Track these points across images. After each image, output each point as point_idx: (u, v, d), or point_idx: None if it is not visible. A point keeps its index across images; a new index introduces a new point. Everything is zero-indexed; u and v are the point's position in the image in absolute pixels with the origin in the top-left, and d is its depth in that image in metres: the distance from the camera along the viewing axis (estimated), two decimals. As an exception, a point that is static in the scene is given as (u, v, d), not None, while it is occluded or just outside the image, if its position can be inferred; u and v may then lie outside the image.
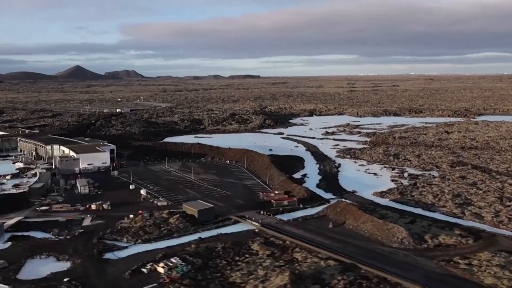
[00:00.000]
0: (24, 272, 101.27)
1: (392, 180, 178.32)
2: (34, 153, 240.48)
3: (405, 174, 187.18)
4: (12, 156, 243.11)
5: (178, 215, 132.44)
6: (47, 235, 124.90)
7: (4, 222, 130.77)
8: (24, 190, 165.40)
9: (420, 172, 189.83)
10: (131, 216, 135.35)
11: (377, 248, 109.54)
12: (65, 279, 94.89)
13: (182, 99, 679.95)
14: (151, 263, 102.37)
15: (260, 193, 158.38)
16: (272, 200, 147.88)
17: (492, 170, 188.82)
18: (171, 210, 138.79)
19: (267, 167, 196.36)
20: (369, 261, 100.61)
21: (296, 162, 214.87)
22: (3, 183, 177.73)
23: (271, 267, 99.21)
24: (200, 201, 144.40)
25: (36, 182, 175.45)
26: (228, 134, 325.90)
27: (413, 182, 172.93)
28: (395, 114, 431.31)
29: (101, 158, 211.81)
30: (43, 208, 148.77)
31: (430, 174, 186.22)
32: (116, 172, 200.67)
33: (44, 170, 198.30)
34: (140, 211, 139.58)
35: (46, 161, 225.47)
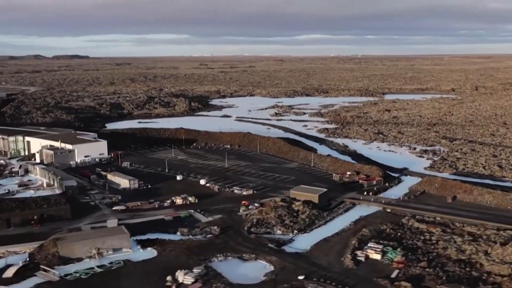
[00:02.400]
0: (233, 277, 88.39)
1: (418, 156, 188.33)
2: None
3: (417, 149, 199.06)
4: None
5: (300, 202, 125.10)
6: (175, 236, 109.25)
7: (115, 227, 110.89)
8: (64, 191, 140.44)
9: (428, 148, 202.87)
10: (247, 207, 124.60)
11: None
12: (314, 279, 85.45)
13: (42, 82, 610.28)
14: (359, 251, 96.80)
15: (334, 174, 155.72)
16: (360, 181, 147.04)
17: (485, 143, 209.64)
18: (281, 198, 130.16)
19: (289, 150, 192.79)
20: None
21: (301, 144, 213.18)
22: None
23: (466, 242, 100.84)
24: (303, 186, 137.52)
25: (65, 180, 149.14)
26: (170, 118, 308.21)
27: (440, 157, 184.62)
28: (307, 95, 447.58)
29: (98, 149, 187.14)
30: (118, 207, 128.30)
31: (439, 149, 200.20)
32: (127, 163, 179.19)
33: (42, 166, 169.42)
34: (244, 201, 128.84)
35: (19, 155, 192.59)
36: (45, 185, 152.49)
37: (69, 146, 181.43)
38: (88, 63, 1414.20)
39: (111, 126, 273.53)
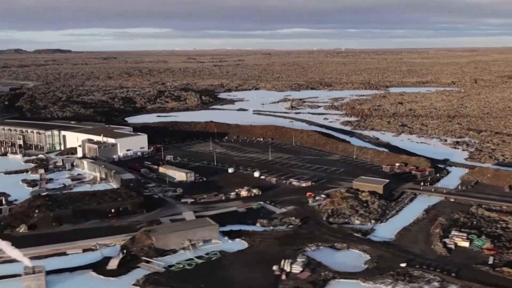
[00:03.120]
0: (333, 265, 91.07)
1: (453, 148, 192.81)
2: (18, 142, 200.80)
3: (448, 141, 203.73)
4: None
5: (367, 193, 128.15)
6: (256, 227, 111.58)
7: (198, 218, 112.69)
8: (122, 184, 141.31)
9: (459, 139, 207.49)
10: (314, 199, 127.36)
11: None
12: (417, 266, 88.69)
13: (37, 76, 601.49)
14: (447, 239, 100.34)
15: (383, 166, 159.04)
16: (413, 172, 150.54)
17: None
18: (346, 189, 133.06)
19: (326, 142, 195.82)
20: None
21: (333, 136, 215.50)
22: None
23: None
24: (364, 177, 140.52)
25: (121, 174, 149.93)
26: (186, 112, 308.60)
27: (474, 148, 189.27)
28: (312, 88, 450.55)
29: (139, 143, 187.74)
30: (187, 200, 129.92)
31: (470, 140, 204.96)
32: (170, 157, 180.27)
33: (90, 160, 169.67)
34: (309, 193, 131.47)
35: (55, 150, 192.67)
36: (98, 179, 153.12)
37: (111, 140, 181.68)
38: (74, 57, 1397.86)
39: (131, 120, 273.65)
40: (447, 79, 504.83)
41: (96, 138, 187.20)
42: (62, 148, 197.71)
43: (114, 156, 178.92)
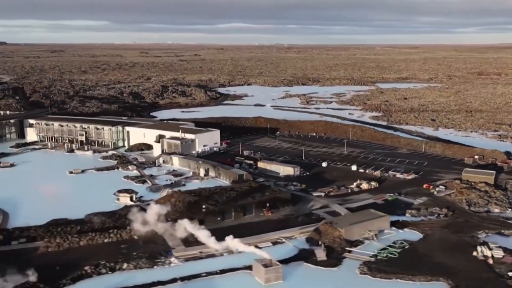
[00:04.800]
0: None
1: (500, 141, 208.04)
2: (80, 138, 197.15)
3: (488, 135, 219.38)
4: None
5: (483, 183, 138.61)
6: (408, 218, 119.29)
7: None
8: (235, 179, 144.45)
9: (493, 133, 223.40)
10: (434, 190, 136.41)
11: None
12: None
13: (3, 70, 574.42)
14: None
15: (466, 158, 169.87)
16: (499, 163, 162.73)
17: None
18: (459, 180, 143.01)
19: (386, 136, 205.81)
20: None
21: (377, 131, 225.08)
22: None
23: None
24: (469, 169, 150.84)
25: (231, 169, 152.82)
26: (202, 107, 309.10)
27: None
28: (303, 83, 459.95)
29: (213, 138, 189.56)
30: (319, 193, 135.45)
31: (508, 134, 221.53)
32: (247, 152, 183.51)
33: (180, 156, 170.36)
34: (427, 185, 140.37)
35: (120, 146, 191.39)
36: (202, 175, 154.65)
37: (191, 136, 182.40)
38: (19, 50, 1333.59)
39: (158, 115, 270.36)
40: (423, 76, 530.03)
41: (165, 133, 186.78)
42: (126, 144, 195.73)
43: (193, 152, 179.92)
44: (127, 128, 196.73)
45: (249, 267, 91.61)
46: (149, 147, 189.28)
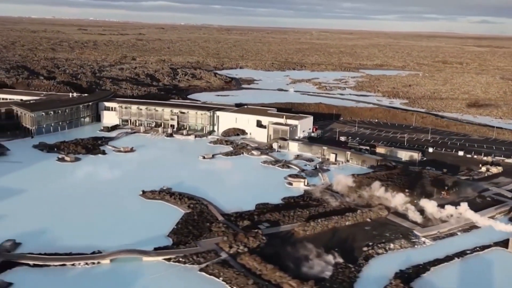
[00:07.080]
0: None
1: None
2: (171, 123, 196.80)
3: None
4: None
5: None
6: None
7: None
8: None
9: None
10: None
11: None
12: None
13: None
14: None
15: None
16: None
17: None
18: None
19: (448, 124, 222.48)
20: None
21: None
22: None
23: None
24: None
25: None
26: (238, 91, 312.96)
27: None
28: (293, 68, 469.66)
29: (308, 124, 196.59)
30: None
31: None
32: (344, 138, 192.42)
33: (300, 141, 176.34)
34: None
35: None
36: (332, 160, 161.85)
37: (294, 122, 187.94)
38: None
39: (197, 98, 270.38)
40: (397, 63, 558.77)
41: (261, 118, 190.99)
42: (216, 129, 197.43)
43: (296, 137, 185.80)
44: (217, 113, 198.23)
45: (503, 243, 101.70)
46: (243, 132, 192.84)
